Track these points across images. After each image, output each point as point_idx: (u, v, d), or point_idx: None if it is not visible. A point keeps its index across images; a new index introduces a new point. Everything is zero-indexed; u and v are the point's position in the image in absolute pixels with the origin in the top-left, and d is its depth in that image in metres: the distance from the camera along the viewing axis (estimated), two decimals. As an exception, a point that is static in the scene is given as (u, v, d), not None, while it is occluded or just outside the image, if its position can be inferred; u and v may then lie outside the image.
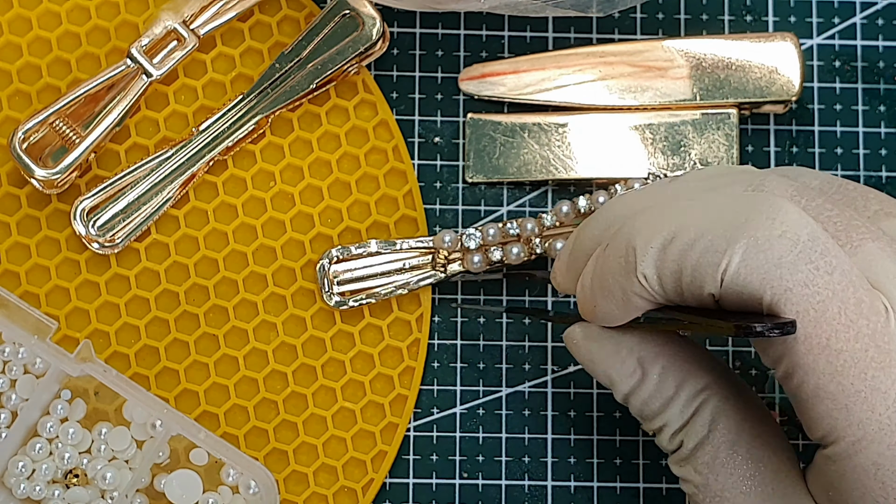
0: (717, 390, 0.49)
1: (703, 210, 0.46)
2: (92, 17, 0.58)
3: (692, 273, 0.45)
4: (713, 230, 0.45)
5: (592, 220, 0.51)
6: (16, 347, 0.54)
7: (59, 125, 0.56)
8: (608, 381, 0.51)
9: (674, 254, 0.46)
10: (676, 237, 0.46)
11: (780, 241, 0.44)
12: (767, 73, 0.58)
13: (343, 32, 0.58)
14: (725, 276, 0.45)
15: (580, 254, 0.51)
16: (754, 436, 0.49)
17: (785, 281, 0.44)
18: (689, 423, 0.49)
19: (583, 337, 0.51)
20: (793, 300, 0.44)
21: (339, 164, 0.58)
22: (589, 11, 0.56)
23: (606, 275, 0.48)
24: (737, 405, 0.49)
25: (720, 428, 0.48)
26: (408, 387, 0.57)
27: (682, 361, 0.50)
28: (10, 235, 0.57)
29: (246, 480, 0.54)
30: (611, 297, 0.48)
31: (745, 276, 0.44)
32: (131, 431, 0.54)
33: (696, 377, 0.49)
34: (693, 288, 0.46)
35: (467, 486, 0.57)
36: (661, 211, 0.47)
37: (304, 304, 0.57)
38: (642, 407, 0.50)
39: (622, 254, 0.47)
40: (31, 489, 0.53)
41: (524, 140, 0.58)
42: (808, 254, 0.44)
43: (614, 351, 0.50)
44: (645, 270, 0.46)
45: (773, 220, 0.45)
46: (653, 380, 0.49)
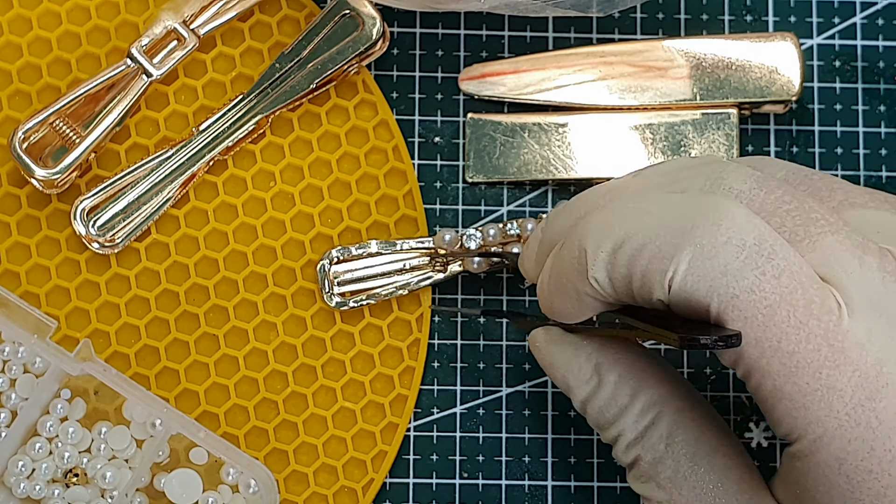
0: (672, 402, 0.49)
1: (652, 214, 0.46)
2: (92, 17, 0.58)
3: (641, 279, 0.46)
4: (661, 236, 0.45)
5: (560, 211, 0.51)
6: (15, 347, 0.54)
7: (59, 125, 0.56)
8: (565, 387, 0.51)
9: (623, 259, 0.46)
10: (626, 242, 0.46)
11: (725, 248, 0.44)
12: (767, 73, 0.58)
13: (343, 32, 0.58)
14: (672, 283, 0.45)
15: (547, 246, 0.51)
16: (714, 448, 0.49)
17: (731, 288, 0.44)
18: (645, 435, 0.49)
19: (544, 341, 0.52)
20: (739, 306, 0.44)
21: (339, 164, 0.58)
22: (589, 11, 0.56)
23: (561, 274, 0.48)
24: (693, 417, 0.49)
25: (678, 440, 0.49)
26: (408, 387, 0.57)
27: (639, 371, 0.50)
28: (10, 235, 0.57)
29: (246, 479, 0.54)
30: (566, 296, 0.49)
31: (692, 283, 0.45)
32: (131, 431, 0.54)
33: (651, 387, 0.50)
34: (643, 293, 0.46)
35: (467, 486, 0.57)
36: (614, 212, 0.47)
37: (305, 304, 0.57)
38: (598, 415, 0.50)
39: (575, 255, 0.47)
40: (31, 488, 0.53)
41: (524, 140, 0.58)
42: (755, 259, 0.44)
43: (573, 356, 0.51)
44: (596, 274, 0.47)
45: (718, 226, 0.45)
46: (608, 387, 0.50)
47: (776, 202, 0.47)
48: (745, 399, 0.57)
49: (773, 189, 0.47)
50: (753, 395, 0.46)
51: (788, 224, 0.46)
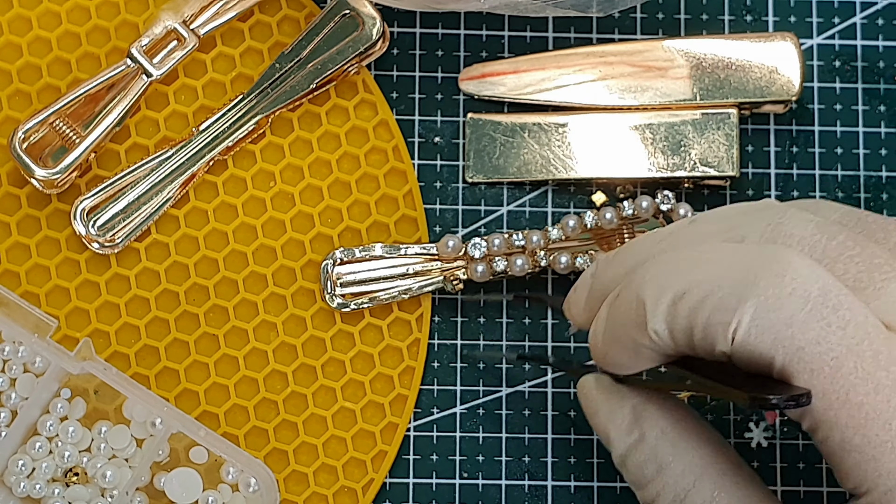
0: (715, 464, 0.48)
1: (713, 264, 0.45)
2: (92, 17, 0.58)
3: (703, 331, 0.45)
4: (724, 287, 0.44)
5: (613, 258, 0.50)
6: (15, 346, 0.54)
7: (59, 125, 0.56)
8: (606, 438, 0.50)
9: (684, 310, 0.45)
10: (687, 293, 0.45)
11: (790, 300, 0.44)
12: (767, 73, 0.58)
13: (343, 32, 0.58)
14: (736, 335, 0.44)
15: (599, 293, 0.50)
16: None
17: (797, 340, 0.44)
18: (686, 498, 0.48)
19: (591, 388, 0.51)
20: (805, 359, 0.44)
21: (339, 164, 0.58)
22: (589, 11, 0.56)
23: (617, 326, 0.48)
24: (736, 481, 0.48)
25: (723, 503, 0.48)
26: (408, 387, 0.57)
27: (683, 429, 0.49)
28: (10, 235, 0.57)
29: (246, 478, 0.54)
30: (622, 347, 0.48)
31: (756, 336, 0.44)
32: (131, 430, 0.54)
33: (694, 447, 0.49)
34: (704, 345, 0.45)
35: (467, 486, 0.57)
36: (672, 262, 0.47)
37: (305, 304, 0.57)
38: (636, 471, 0.49)
39: (633, 306, 0.47)
40: (31, 488, 0.53)
41: (524, 140, 0.58)
42: (820, 310, 0.44)
43: (618, 406, 0.50)
44: (656, 326, 0.46)
45: (782, 278, 0.44)
46: (649, 442, 0.49)
47: (838, 248, 0.46)
48: (745, 399, 0.57)
49: (835, 235, 0.46)
50: (820, 449, 0.45)
51: (852, 271, 0.46)
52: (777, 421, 0.57)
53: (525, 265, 0.56)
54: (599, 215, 0.56)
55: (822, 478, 0.57)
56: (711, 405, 0.57)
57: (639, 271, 0.47)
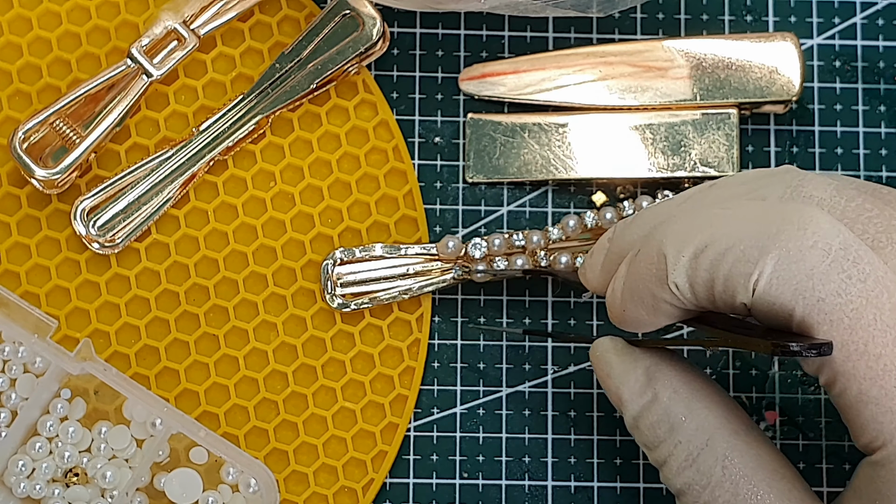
0: (727, 424, 0.49)
1: (735, 219, 0.46)
2: (92, 17, 0.58)
3: (724, 283, 0.45)
4: (745, 240, 0.45)
5: (631, 222, 0.51)
6: (15, 346, 0.54)
7: (60, 125, 0.56)
8: (618, 400, 0.50)
9: (705, 263, 0.46)
10: (708, 247, 0.46)
11: (811, 252, 0.44)
12: (767, 73, 0.58)
13: (343, 32, 0.58)
14: (757, 286, 0.45)
15: (616, 256, 0.50)
16: (773, 470, 0.48)
17: (817, 291, 0.44)
18: (699, 456, 0.48)
19: (605, 350, 0.51)
20: (826, 310, 0.44)
21: (339, 164, 0.58)
22: (589, 11, 0.56)
23: (637, 281, 0.48)
24: (748, 440, 0.49)
25: (735, 463, 0.48)
26: (408, 387, 0.57)
27: (695, 390, 0.49)
28: (10, 235, 0.57)
29: (246, 479, 0.54)
30: (640, 303, 0.48)
31: (778, 286, 0.44)
32: (131, 430, 0.54)
33: (707, 407, 0.49)
34: (725, 297, 0.46)
35: (467, 486, 0.57)
36: (693, 218, 0.47)
37: (305, 305, 0.57)
38: (649, 432, 0.49)
39: (653, 261, 0.47)
40: (31, 488, 0.53)
41: (524, 140, 0.58)
42: (840, 262, 0.44)
43: (631, 367, 0.50)
44: (676, 279, 0.46)
45: (804, 231, 0.45)
46: (662, 402, 0.49)
47: (857, 209, 0.47)
48: (744, 399, 0.57)
49: (853, 196, 0.47)
50: (836, 402, 0.46)
51: (871, 231, 0.46)
52: (777, 421, 0.57)
53: (525, 265, 0.56)
54: (599, 215, 0.56)
55: (822, 478, 0.57)
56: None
57: (659, 228, 0.48)
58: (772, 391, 0.57)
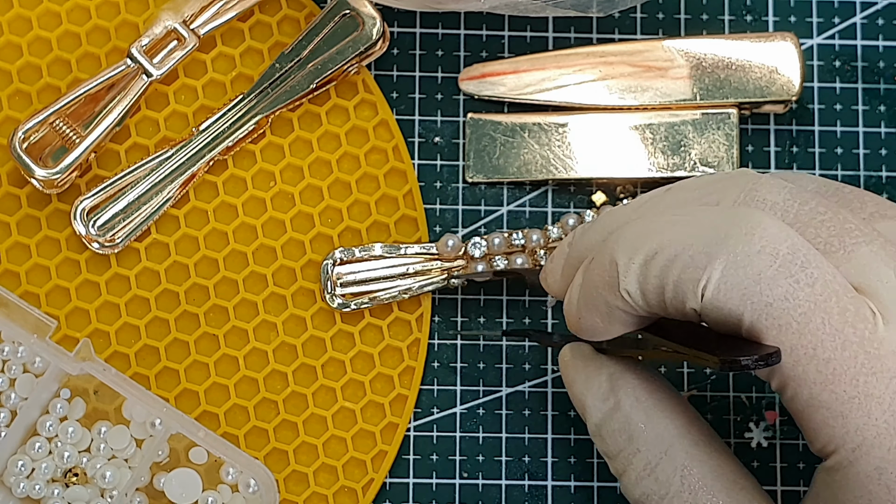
0: (687, 434, 0.49)
1: (684, 225, 0.46)
2: (92, 17, 0.58)
3: (674, 289, 0.45)
4: (693, 246, 0.45)
5: (589, 227, 0.51)
6: (15, 346, 0.54)
7: (59, 125, 0.56)
8: (582, 406, 0.51)
9: (655, 270, 0.46)
10: (658, 253, 0.46)
11: (759, 257, 0.44)
12: (767, 73, 0.58)
13: (343, 32, 0.58)
14: (706, 292, 0.45)
15: (574, 261, 0.51)
16: (732, 482, 0.48)
17: (765, 296, 0.44)
18: (658, 466, 0.49)
19: (570, 357, 0.52)
20: (774, 314, 0.44)
21: (339, 164, 0.58)
22: (589, 11, 0.56)
23: (591, 289, 0.48)
24: (709, 451, 0.49)
25: (694, 473, 0.48)
26: (408, 387, 0.57)
27: (657, 399, 0.50)
28: (10, 235, 0.57)
29: (245, 479, 0.54)
30: (595, 310, 0.48)
31: (725, 292, 0.44)
32: (131, 430, 0.54)
33: (668, 417, 0.49)
34: (675, 303, 0.46)
35: (467, 486, 0.57)
36: (645, 225, 0.47)
37: (305, 304, 0.57)
38: (609, 439, 0.50)
39: (606, 268, 0.47)
40: (31, 488, 0.53)
41: (524, 140, 0.58)
42: (788, 267, 0.44)
43: (594, 374, 0.50)
44: (628, 286, 0.46)
45: (752, 236, 0.45)
46: (624, 410, 0.49)
47: (810, 213, 0.47)
48: (744, 399, 0.57)
49: (807, 200, 0.47)
50: (788, 408, 0.46)
51: (823, 235, 0.46)
52: (777, 421, 0.57)
53: (525, 264, 0.56)
54: (599, 214, 0.56)
55: (822, 478, 0.57)
56: (712, 405, 0.57)
57: (611, 236, 0.48)
58: (772, 391, 0.57)
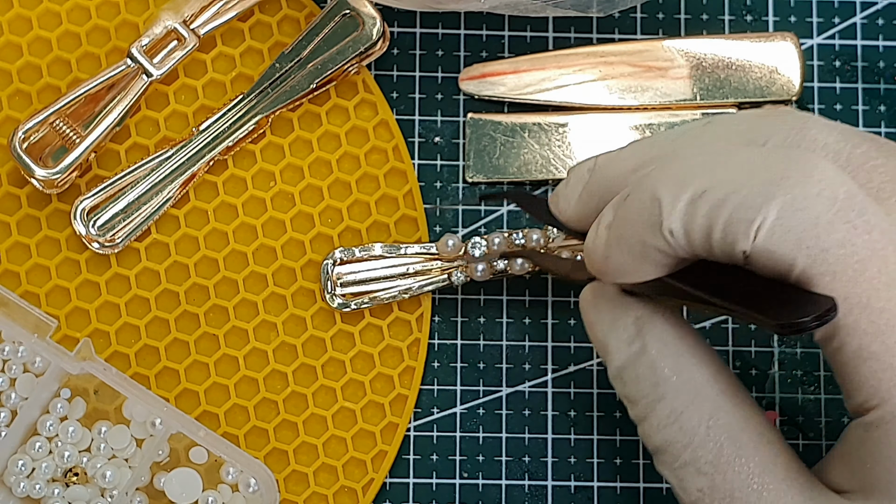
0: (715, 384, 0.47)
1: (736, 164, 0.44)
2: (92, 17, 0.58)
3: (723, 230, 0.44)
4: (748, 186, 0.43)
5: (616, 156, 0.49)
6: (15, 346, 0.54)
7: (59, 125, 0.56)
8: (604, 348, 0.48)
9: (704, 209, 0.44)
10: (708, 191, 0.44)
11: (817, 200, 0.43)
12: (767, 73, 0.58)
13: (343, 32, 0.58)
14: (759, 233, 0.43)
15: (597, 190, 0.48)
16: (759, 433, 0.47)
17: (822, 241, 0.43)
18: (683, 415, 0.47)
19: (593, 295, 0.49)
20: (829, 260, 0.43)
21: (339, 164, 0.58)
22: (589, 11, 0.56)
23: (626, 226, 0.46)
24: (735, 402, 0.47)
25: (721, 423, 0.46)
26: (408, 387, 0.57)
27: (686, 346, 0.48)
28: (10, 235, 0.57)
29: (246, 478, 0.54)
30: (628, 250, 0.46)
31: (781, 235, 0.43)
32: (131, 430, 0.54)
33: (696, 365, 0.47)
34: (723, 246, 0.44)
35: (467, 486, 0.57)
36: (690, 162, 0.45)
37: (305, 304, 0.57)
38: (632, 384, 0.48)
39: (646, 206, 0.45)
40: (31, 488, 0.53)
41: (524, 140, 0.58)
42: (846, 213, 0.43)
43: (621, 315, 0.48)
44: (672, 225, 0.44)
45: (810, 178, 0.43)
46: (650, 355, 0.47)
47: (862, 157, 0.45)
48: (745, 399, 0.57)
49: (860, 143, 0.46)
50: (832, 359, 0.44)
51: (875, 180, 0.45)
52: (777, 421, 0.57)
53: (525, 264, 0.56)
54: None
55: (822, 478, 0.57)
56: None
57: (652, 170, 0.46)
58: (772, 391, 0.57)
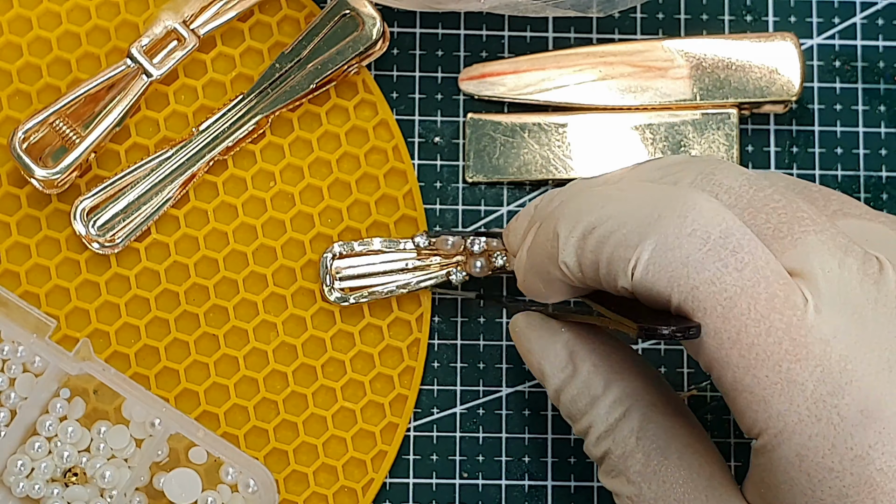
0: (645, 396, 0.49)
1: (624, 202, 0.46)
2: (92, 17, 0.58)
3: (606, 266, 0.46)
4: (628, 224, 0.45)
5: (557, 192, 0.51)
6: (15, 346, 0.54)
7: (59, 125, 0.56)
8: (540, 374, 0.51)
9: (591, 245, 0.46)
10: (595, 228, 0.46)
11: (689, 240, 0.44)
12: (767, 73, 0.58)
13: (343, 32, 0.58)
14: (635, 272, 0.45)
15: (531, 225, 0.51)
16: (685, 444, 0.49)
17: (691, 279, 0.44)
18: (616, 428, 0.49)
19: (524, 326, 0.52)
20: (699, 297, 0.44)
21: (339, 164, 0.58)
22: (589, 11, 0.56)
23: (534, 255, 0.49)
24: (665, 412, 0.49)
25: (649, 435, 0.49)
26: (408, 387, 0.57)
27: (614, 363, 0.50)
28: (10, 235, 0.57)
29: (245, 479, 0.54)
30: (538, 276, 0.49)
31: (654, 273, 0.45)
32: (130, 430, 0.54)
33: (625, 379, 0.50)
34: (609, 280, 0.46)
35: (467, 486, 0.57)
36: (590, 197, 0.47)
37: (305, 304, 0.57)
38: (570, 405, 0.50)
39: (549, 238, 0.48)
40: (30, 487, 0.53)
41: (524, 140, 0.58)
42: (718, 251, 0.44)
43: (550, 343, 0.51)
44: (566, 258, 0.47)
45: (684, 218, 0.45)
46: (582, 376, 0.50)
47: (765, 199, 0.47)
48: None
49: (764, 187, 0.47)
50: (718, 388, 0.46)
51: (773, 221, 0.46)
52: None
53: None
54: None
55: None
56: (711, 405, 0.57)
57: (560, 206, 0.48)
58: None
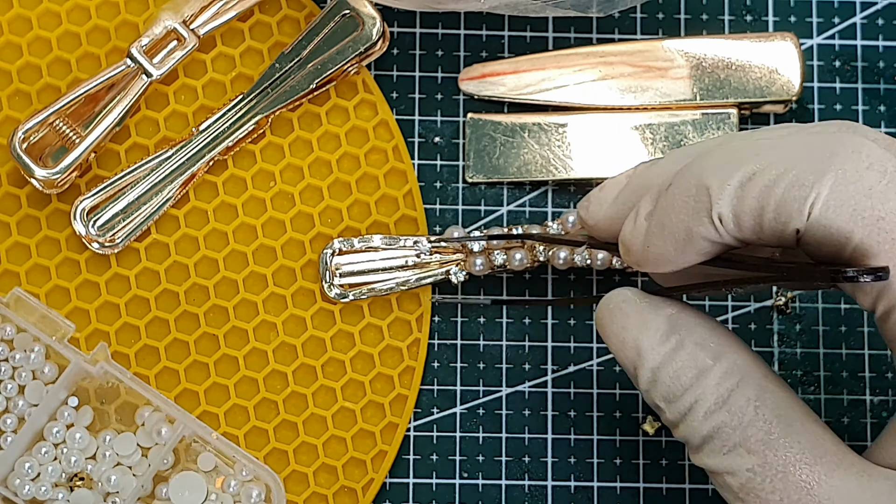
0: (757, 368, 0.48)
1: (783, 147, 0.45)
2: (92, 17, 0.58)
3: (776, 209, 0.44)
4: (798, 165, 0.44)
5: (656, 161, 0.49)
6: (26, 354, 0.54)
7: (59, 125, 0.56)
8: (636, 351, 0.48)
9: (754, 190, 0.45)
10: (757, 174, 0.45)
11: (868, 173, 0.44)
12: (767, 73, 0.58)
13: (343, 32, 0.58)
14: (814, 209, 0.44)
15: (636, 190, 0.49)
16: (805, 413, 0.47)
17: (876, 210, 0.44)
18: (730, 398, 0.47)
19: (620, 301, 0.49)
20: (886, 228, 0.43)
21: (339, 164, 0.58)
22: (589, 11, 0.56)
23: (669, 214, 0.46)
24: (779, 384, 0.48)
25: (768, 403, 0.47)
26: (408, 387, 0.57)
27: (720, 336, 0.48)
28: (10, 235, 0.57)
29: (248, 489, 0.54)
30: (671, 238, 0.47)
31: (836, 208, 0.44)
32: (137, 438, 0.54)
33: (735, 352, 0.48)
34: (776, 225, 0.45)
35: (467, 486, 0.57)
36: (736, 150, 0.46)
37: (305, 304, 0.57)
38: (672, 380, 0.48)
39: (692, 193, 0.46)
40: (36, 490, 0.53)
41: (524, 140, 0.58)
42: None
43: (652, 316, 0.49)
44: (721, 210, 0.45)
45: (859, 153, 0.44)
46: (687, 349, 0.48)
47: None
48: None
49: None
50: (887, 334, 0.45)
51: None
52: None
53: (524, 259, 0.56)
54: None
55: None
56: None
57: (696, 161, 0.46)
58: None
